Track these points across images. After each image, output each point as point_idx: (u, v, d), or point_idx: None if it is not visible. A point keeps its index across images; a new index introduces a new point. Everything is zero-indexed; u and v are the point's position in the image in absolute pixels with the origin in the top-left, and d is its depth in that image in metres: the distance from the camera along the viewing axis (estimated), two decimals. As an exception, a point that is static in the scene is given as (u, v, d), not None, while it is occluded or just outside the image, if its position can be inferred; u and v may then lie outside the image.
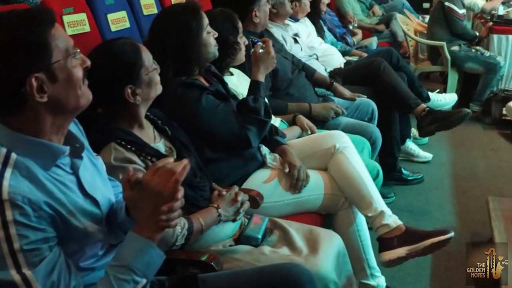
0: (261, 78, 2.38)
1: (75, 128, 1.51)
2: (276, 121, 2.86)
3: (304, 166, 2.38)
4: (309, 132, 2.82)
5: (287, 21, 3.93)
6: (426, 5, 9.94)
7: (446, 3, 5.27)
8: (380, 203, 2.37)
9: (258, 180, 2.35)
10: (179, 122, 2.12)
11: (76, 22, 3.70)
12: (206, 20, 2.32)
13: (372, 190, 2.39)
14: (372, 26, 6.34)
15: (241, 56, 2.71)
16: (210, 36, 2.33)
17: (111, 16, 4.08)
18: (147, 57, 1.84)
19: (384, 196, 3.52)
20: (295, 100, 3.16)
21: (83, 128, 1.59)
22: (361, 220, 2.43)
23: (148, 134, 1.92)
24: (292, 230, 2.04)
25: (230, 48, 2.62)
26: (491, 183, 3.96)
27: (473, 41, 5.46)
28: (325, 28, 4.77)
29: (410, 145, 4.29)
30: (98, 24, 3.96)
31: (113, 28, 4.08)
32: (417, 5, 8.28)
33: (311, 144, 2.54)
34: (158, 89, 1.90)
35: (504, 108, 5.01)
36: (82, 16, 3.77)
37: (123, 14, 4.20)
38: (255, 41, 2.49)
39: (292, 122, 2.91)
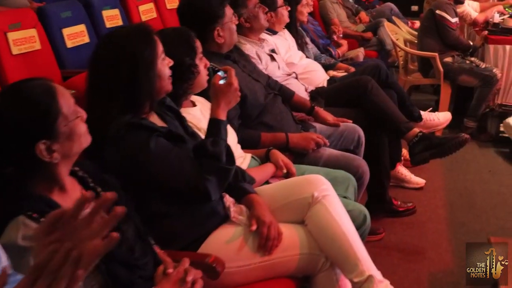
0: (222, 115, 1.97)
1: None
2: (246, 157, 2.46)
3: (276, 220, 1.99)
4: (285, 171, 2.43)
5: (263, 35, 3.52)
6: (414, 8, 9.66)
7: (438, 11, 4.87)
8: (367, 265, 1.98)
9: (220, 240, 1.94)
10: (122, 170, 1.75)
11: (24, 40, 3.31)
12: (160, 47, 1.93)
13: (358, 248, 1.99)
14: (358, 34, 5.96)
15: (201, 81, 2.29)
16: (165, 66, 1.94)
17: (67, 31, 3.69)
18: (66, 102, 1.44)
19: (372, 233, 3.16)
20: (270, 130, 2.76)
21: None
22: (345, 283, 2.03)
23: (72, 199, 1.51)
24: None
25: (186, 72, 2.21)
26: (490, 213, 3.57)
27: (467, 51, 5.07)
28: (307, 40, 4.37)
29: (401, 169, 3.90)
30: (52, 40, 3.57)
31: (70, 44, 3.71)
32: (405, 9, 7.98)
33: (285, 192, 2.13)
34: (84, 141, 1.50)
35: (501, 125, 4.64)
36: (32, 32, 3.37)
37: (81, 28, 3.82)
38: (215, 69, 2.07)
39: (265, 158, 2.51)
